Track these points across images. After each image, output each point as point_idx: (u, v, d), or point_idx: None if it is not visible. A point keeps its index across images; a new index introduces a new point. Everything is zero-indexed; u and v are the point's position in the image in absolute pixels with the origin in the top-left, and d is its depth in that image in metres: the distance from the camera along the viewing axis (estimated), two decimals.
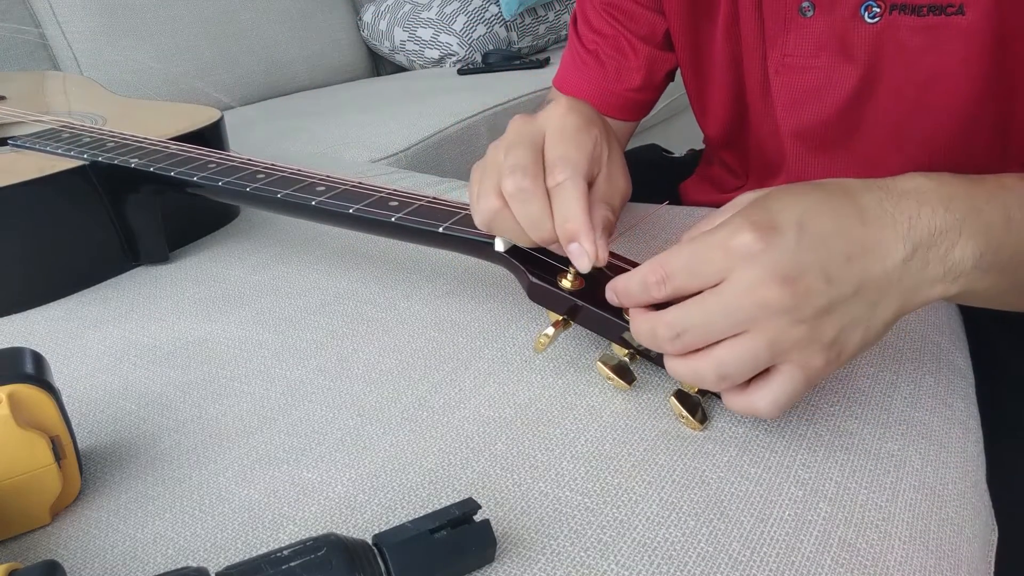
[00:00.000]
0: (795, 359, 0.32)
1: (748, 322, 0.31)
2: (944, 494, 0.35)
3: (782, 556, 0.31)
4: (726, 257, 0.32)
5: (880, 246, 0.33)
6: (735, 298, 0.31)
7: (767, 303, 0.31)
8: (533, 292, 0.41)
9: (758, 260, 0.31)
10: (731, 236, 0.32)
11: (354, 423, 0.40)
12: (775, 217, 0.32)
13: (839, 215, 0.33)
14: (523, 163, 0.38)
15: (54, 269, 0.56)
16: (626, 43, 0.68)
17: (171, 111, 0.73)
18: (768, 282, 0.31)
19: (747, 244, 0.31)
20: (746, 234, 0.31)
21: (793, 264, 0.31)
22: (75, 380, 0.45)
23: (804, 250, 0.31)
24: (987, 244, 0.34)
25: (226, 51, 1.58)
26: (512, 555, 0.31)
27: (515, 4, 1.78)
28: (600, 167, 0.41)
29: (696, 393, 0.38)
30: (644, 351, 0.39)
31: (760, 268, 0.31)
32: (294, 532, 0.33)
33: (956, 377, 0.44)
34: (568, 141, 0.39)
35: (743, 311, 0.31)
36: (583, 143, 0.39)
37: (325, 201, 0.48)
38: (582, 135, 0.40)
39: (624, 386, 0.39)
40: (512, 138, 0.40)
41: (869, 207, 0.34)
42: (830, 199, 0.34)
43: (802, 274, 0.31)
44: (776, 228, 0.31)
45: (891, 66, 0.52)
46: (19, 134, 0.65)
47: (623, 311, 0.38)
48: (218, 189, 0.53)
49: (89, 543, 0.33)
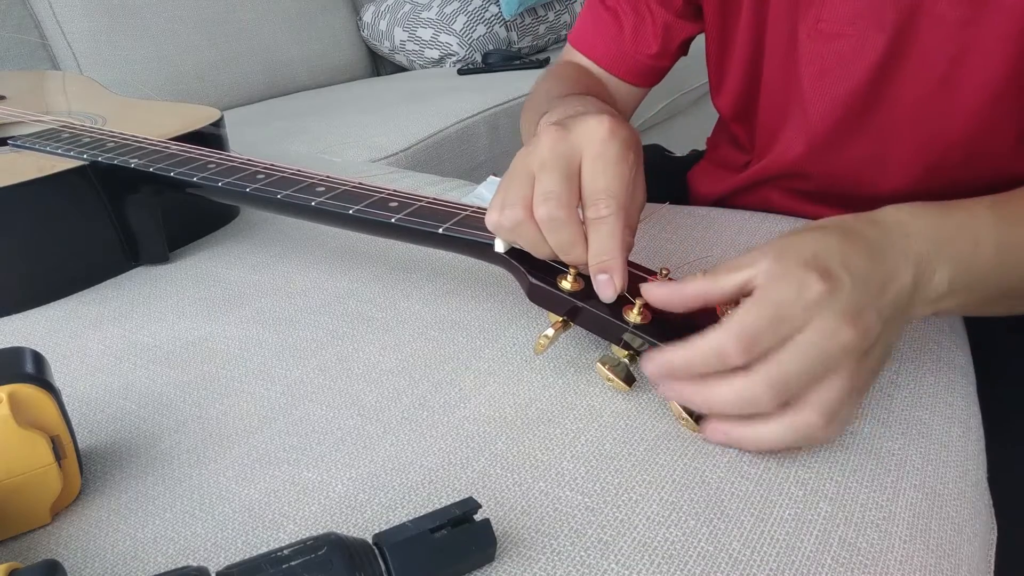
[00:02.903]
0: (861, 387, 0.35)
1: (834, 365, 0.33)
2: (944, 493, 0.35)
3: (782, 555, 0.31)
4: (805, 310, 0.33)
5: (896, 274, 0.36)
6: (824, 344, 0.33)
7: (846, 344, 0.33)
8: (533, 293, 0.41)
9: (831, 307, 0.33)
10: (803, 288, 0.33)
11: (354, 422, 0.40)
12: (826, 263, 0.34)
13: (864, 253, 0.35)
14: (557, 190, 0.38)
15: (54, 269, 0.56)
16: (645, 7, 0.68)
17: (171, 111, 0.73)
18: (843, 325, 0.33)
19: (820, 293, 0.33)
20: (817, 284, 0.33)
21: (854, 305, 0.33)
22: (75, 380, 0.45)
23: (858, 291, 0.34)
24: (956, 268, 0.38)
25: (226, 51, 1.58)
26: (512, 554, 0.31)
27: (515, 4, 1.78)
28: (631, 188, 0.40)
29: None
30: (644, 352, 0.39)
31: (834, 313, 0.33)
32: (294, 531, 0.33)
33: (957, 376, 0.44)
34: (610, 172, 0.38)
35: (832, 356, 0.33)
36: (623, 174, 0.38)
37: (325, 202, 0.48)
38: (622, 165, 0.38)
39: (624, 387, 0.39)
40: (546, 156, 0.39)
41: (876, 241, 0.37)
42: (848, 239, 0.36)
43: (861, 313, 0.33)
44: (833, 274, 0.33)
45: (925, 37, 0.51)
46: (19, 134, 0.65)
47: (623, 312, 0.38)
48: (218, 190, 0.53)
49: (89, 543, 0.33)
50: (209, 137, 0.66)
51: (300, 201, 0.49)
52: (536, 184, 0.38)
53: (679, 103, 2.07)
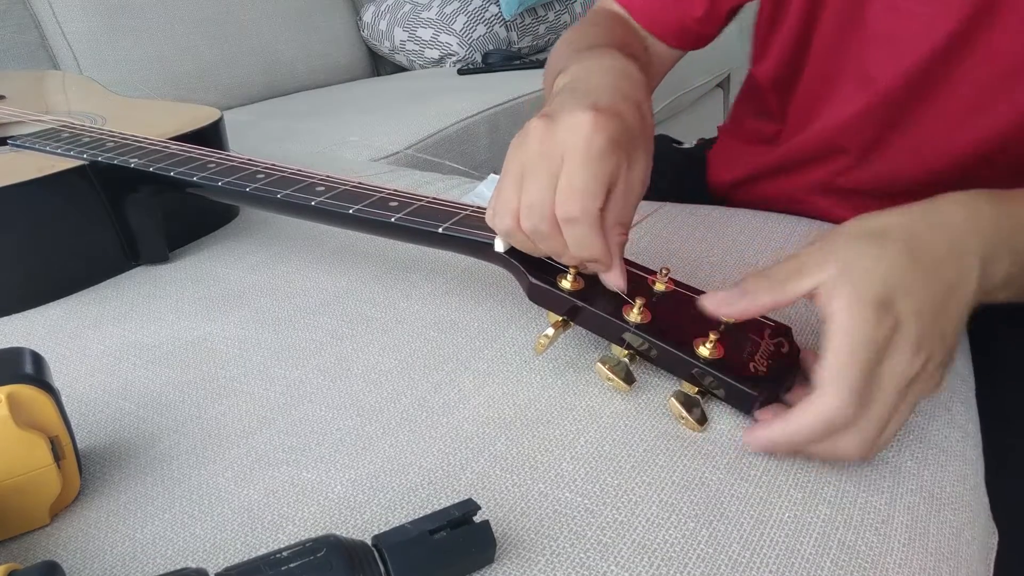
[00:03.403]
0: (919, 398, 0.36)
1: (905, 391, 0.35)
2: (942, 497, 0.35)
3: (782, 558, 0.31)
4: (878, 352, 0.33)
5: (962, 283, 0.36)
6: (899, 382, 0.34)
7: (912, 376, 0.34)
8: (533, 293, 0.41)
9: (898, 347, 0.34)
10: (877, 330, 0.33)
11: (354, 423, 0.40)
12: (892, 296, 0.34)
13: (929, 273, 0.35)
14: (539, 200, 0.37)
15: (53, 269, 0.56)
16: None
17: (171, 110, 0.73)
18: (911, 359, 0.34)
19: (887, 337, 0.33)
20: (886, 326, 0.33)
21: (917, 338, 0.34)
22: (74, 380, 0.45)
23: (922, 322, 0.34)
24: (1015, 260, 0.38)
25: (226, 51, 1.58)
26: (512, 556, 0.31)
27: (515, 4, 1.78)
28: (617, 183, 0.38)
29: (696, 394, 0.38)
30: (644, 351, 0.39)
31: (901, 355, 0.34)
32: (293, 533, 0.33)
33: (956, 381, 0.44)
34: (590, 171, 0.36)
35: (903, 388, 0.34)
36: (603, 173, 0.37)
37: (325, 201, 0.48)
38: (605, 163, 0.37)
39: (624, 387, 0.39)
40: (531, 158, 0.38)
41: (944, 252, 0.36)
42: (913, 258, 0.35)
43: (922, 343, 0.34)
44: (897, 311, 0.34)
45: (1008, 10, 0.50)
46: (18, 134, 0.65)
47: (623, 311, 0.38)
48: (218, 189, 0.53)
49: (88, 543, 0.33)
50: (209, 137, 0.66)
51: (300, 201, 0.49)
52: (523, 193, 0.38)
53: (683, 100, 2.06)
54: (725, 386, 0.36)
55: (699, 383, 0.37)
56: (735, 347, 0.37)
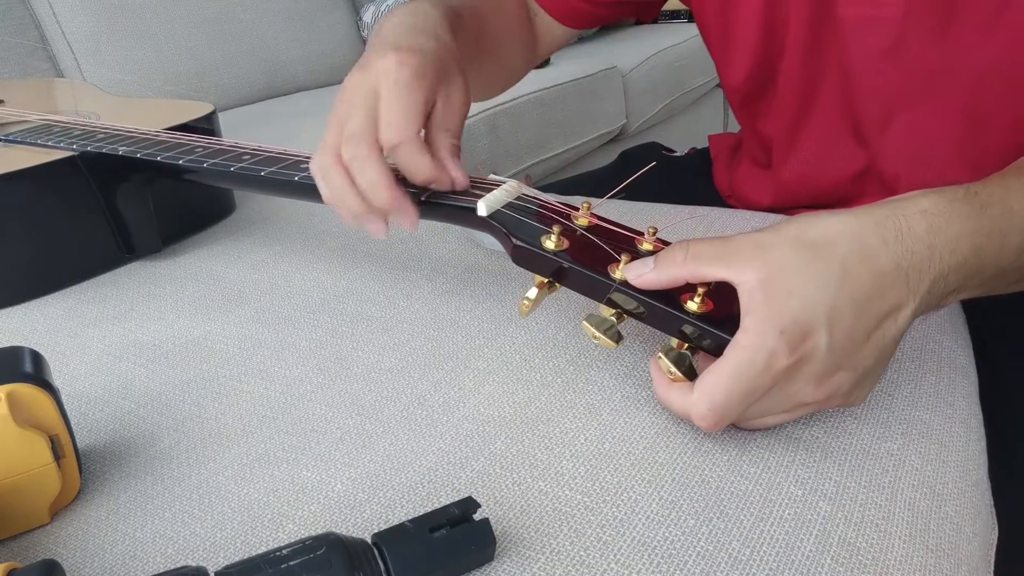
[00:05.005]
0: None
1: (791, 409, 0.35)
2: (944, 493, 0.35)
3: (782, 555, 0.31)
4: (773, 379, 0.33)
5: (899, 306, 0.34)
6: (783, 401, 0.34)
7: (805, 401, 0.35)
8: (518, 255, 0.40)
9: (798, 376, 0.33)
10: (773, 360, 0.32)
11: (353, 422, 0.40)
12: (807, 328, 0.32)
13: (860, 299, 0.33)
14: (359, 130, 0.41)
15: (47, 261, 0.56)
16: None
17: (165, 106, 0.73)
18: (807, 387, 0.34)
19: (787, 368, 0.33)
20: (786, 359, 0.32)
21: (824, 370, 0.33)
22: (74, 379, 0.45)
23: (834, 355, 0.33)
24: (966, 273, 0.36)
25: (226, 51, 1.58)
26: (512, 554, 0.31)
27: None
28: (436, 104, 0.44)
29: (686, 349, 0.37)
30: (631, 310, 0.38)
31: (802, 378, 0.33)
32: (293, 531, 0.33)
33: (958, 375, 0.44)
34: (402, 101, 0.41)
35: (791, 407, 0.35)
36: (415, 100, 0.42)
37: (309, 176, 0.48)
38: (414, 92, 0.42)
39: (611, 345, 0.38)
40: (349, 101, 0.43)
41: (888, 270, 0.34)
42: (849, 278, 0.33)
43: (832, 375, 0.34)
44: (807, 345, 0.32)
45: None
46: (11, 131, 0.65)
47: (608, 269, 0.37)
48: (204, 171, 0.53)
49: (88, 542, 0.33)
50: (200, 130, 0.66)
51: (283, 177, 0.49)
52: (345, 129, 0.42)
53: (677, 104, 2.07)
54: (715, 339, 0.35)
55: (688, 338, 0.37)
56: (724, 301, 0.37)
